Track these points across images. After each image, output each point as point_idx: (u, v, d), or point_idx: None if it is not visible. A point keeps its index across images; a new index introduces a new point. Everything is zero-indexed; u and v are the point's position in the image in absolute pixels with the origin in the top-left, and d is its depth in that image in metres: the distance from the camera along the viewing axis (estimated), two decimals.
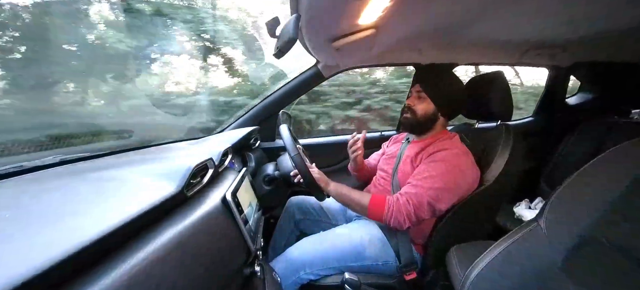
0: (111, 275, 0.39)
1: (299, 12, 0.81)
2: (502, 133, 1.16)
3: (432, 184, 1.00)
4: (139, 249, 0.45)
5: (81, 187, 0.61)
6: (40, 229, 0.40)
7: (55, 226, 0.41)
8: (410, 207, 0.99)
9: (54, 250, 0.34)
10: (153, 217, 0.53)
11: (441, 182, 1.00)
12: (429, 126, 1.18)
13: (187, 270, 0.52)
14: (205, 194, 0.74)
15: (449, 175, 1.01)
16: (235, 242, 0.73)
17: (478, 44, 1.45)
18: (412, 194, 1.00)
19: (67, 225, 0.42)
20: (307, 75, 1.62)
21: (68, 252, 0.35)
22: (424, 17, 1.07)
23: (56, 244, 0.36)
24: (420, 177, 1.03)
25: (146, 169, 0.70)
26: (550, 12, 1.08)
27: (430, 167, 1.04)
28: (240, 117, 1.67)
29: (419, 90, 1.17)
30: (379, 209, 1.03)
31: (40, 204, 0.49)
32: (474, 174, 1.07)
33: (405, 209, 0.99)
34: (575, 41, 1.46)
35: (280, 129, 1.17)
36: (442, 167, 1.02)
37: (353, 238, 1.12)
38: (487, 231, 1.23)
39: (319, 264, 1.07)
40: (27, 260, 0.32)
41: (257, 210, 1.00)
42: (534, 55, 1.65)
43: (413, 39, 1.36)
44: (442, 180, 1.00)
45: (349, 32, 1.01)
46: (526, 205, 1.75)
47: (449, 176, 1.01)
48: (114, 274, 0.39)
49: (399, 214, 0.99)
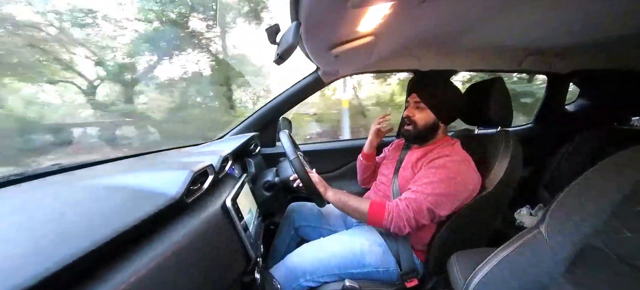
0: (111, 283, 0.39)
1: (299, 20, 0.82)
2: (502, 139, 1.16)
3: (432, 190, 0.99)
4: (139, 255, 0.45)
5: (80, 195, 0.61)
6: (40, 236, 0.40)
7: (55, 234, 0.41)
8: (410, 212, 0.99)
9: (53, 258, 0.34)
10: (153, 223, 0.53)
11: (441, 188, 0.99)
12: (431, 135, 1.18)
13: (186, 277, 0.51)
14: (205, 200, 0.74)
15: (450, 182, 1.01)
16: (235, 249, 0.73)
17: (477, 50, 1.46)
18: (412, 199, 1.00)
19: (67, 232, 0.41)
20: (308, 81, 1.63)
21: (68, 259, 0.35)
22: (423, 25, 1.08)
23: (56, 252, 0.36)
24: (420, 183, 1.03)
25: (146, 175, 0.70)
26: (548, 20, 1.09)
27: (430, 173, 1.03)
28: (241, 123, 1.67)
29: (417, 100, 1.17)
30: (378, 215, 1.02)
31: (40, 212, 0.49)
32: (474, 180, 1.07)
33: (405, 214, 0.99)
34: (574, 48, 1.47)
35: (280, 135, 1.17)
36: (442, 173, 1.02)
37: (353, 245, 1.11)
38: (488, 237, 1.23)
39: (320, 271, 1.07)
40: (27, 267, 0.32)
41: (257, 217, 1.00)
42: (533, 62, 1.66)
43: (412, 46, 1.37)
44: (442, 187, 1.00)
45: (348, 39, 1.01)
46: (527, 211, 1.75)
47: (450, 182, 1.01)
48: (113, 281, 0.39)
49: (399, 219, 0.99)
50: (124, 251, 0.45)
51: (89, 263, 0.38)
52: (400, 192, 1.13)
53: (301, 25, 0.83)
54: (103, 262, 0.41)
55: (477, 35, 1.24)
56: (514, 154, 1.11)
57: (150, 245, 0.49)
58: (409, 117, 1.18)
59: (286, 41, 0.83)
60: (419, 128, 1.16)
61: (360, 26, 0.90)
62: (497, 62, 1.71)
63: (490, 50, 1.47)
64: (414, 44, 1.32)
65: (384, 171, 1.30)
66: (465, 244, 1.08)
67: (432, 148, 1.14)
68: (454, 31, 1.18)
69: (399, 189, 1.14)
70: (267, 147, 1.74)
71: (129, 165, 0.91)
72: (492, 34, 1.24)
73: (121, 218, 0.46)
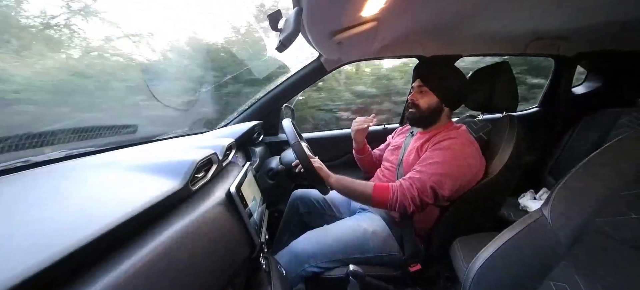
0: (118, 269, 0.40)
1: (301, 6, 0.81)
2: (507, 124, 1.15)
3: (436, 170, 1.00)
4: (145, 243, 0.46)
5: (86, 182, 0.62)
6: (47, 223, 0.40)
7: (61, 221, 0.41)
8: (414, 191, 1.00)
9: (60, 244, 0.35)
10: (158, 211, 0.53)
11: (445, 168, 1.00)
12: (434, 118, 1.18)
13: (192, 264, 0.52)
14: (210, 188, 0.74)
15: (454, 162, 1.02)
16: (240, 236, 0.74)
17: (481, 35, 1.43)
18: (416, 178, 1.01)
19: (73, 219, 0.42)
20: (310, 69, 1.62)
21: (75, 245, 0.36)
22: (427, 9, 1.06)
23: (62, 239, 0.36)
24: (425, 163, 1.04)
25: (151, 163, 0.70)
26: (554, 2, 1.07)
27: (435, 153, 1.04)
28: (244, 111, 1.67)
29: (420, 84, 1.18)
30: (383, 195, 1.03)
31: (47, 199, 0.50)
32: (479, 164, 1.07)
33: (409, 192, 1.00)
34: (580, 31, 1.44)
35: (283, 123, 1.17)
36: (447, 154, 1.02)
37: (357, 230, 1.12)
38: (492, 223, 1.23)
39: (324, 256, 1.08)
40: (35, 253, 0.33)
41: (261, 204, 1.01)
42: (539, 46, 1.63)
43: (416, 31, 1.35)
44: (446, 167, 1.00)
45: (350, 25, 1.00)
46: (531, 196, 1.74)
47: (454, 163, 1.01)
48: (120, 267, 0.40)
49: (403, 197, 1.00)
50: (130, 237, 0.46)
51: (96, 250, 0.39)
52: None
53: (303, 11, 0.82)
54: (110, 249, 0.42)
55: (482, 19, 1.21)
56: (518, 139, 1.10)
57: (157, 232, 0.49)
58: (413, 101, 1.19)
59: (288, 28, 0.82)
60: (423, 111, 1.17)
61: (364, 11, 0.88)
62: (503, 46, 1.68)
63: (495, 34, 1.44)
64: (417, 29, 1.30)
65: (389, 157, 1.30)
66: (468, 229, 1.09)
67: (437, 132, 1.14)
68: (459, 16, 1.16)
69: (404, 174, 1.15)
70: (270, 135, 1.74)
71: (134, 153, 0.92)
72: (497, 18, 1.22)
73: (127, 205, 0.47)
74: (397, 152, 1.26)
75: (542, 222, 0.64)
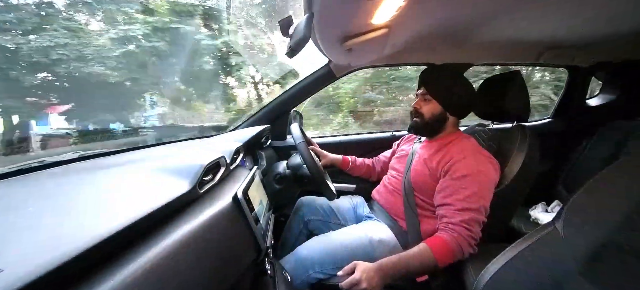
0: (125, 270, 0.40)
1: (312, 11, 0.81)
2: (518, 134, 1.13)
3: (469, 205, 0.98)
4: (153, 245, 0.46)
5: (97, 183, 0.63)
6: (59, 223, 0.41)
7: (70, 221, 0.42)
8: (472, 233, 0.98)
9: (69, 245, 0.36)
10: (167, 213, 0.54)
11: (477, 199, 0.99)
12: (439, 127, 1.17)
13: (198, 266, 0.52)
14: (217, 191, 0.75)
15: (480, 186, 1.01)
16: (246, 240, 0.74)
17: (493, 43, 1.42)
18: (466, 220, 0.98)
19: (82, 220, 0.43)
20: (319, 75, 1.62)
21: (84, 247, 0.36)
22: (438, 17, 1.06)
23: (72, 239, 0.37)
24: (460, 201, 1.00)
25: (160, 166, 0.71)
26: (569, 12, 1.05)
27: (459, 183, 1.02)
28: (252, 116, 1.69)
29: (424, 92, 1.17)
30: (448, 255, 0.97)
31: (60, 199, 0.51)
32: (496, 172, 1.07)
33: (469, 238, 0.98)
34: (596, 41, 1.41)
35: (291, 127, 1.17)
36: (473, 184, 1.00)
37: (364, 238, 1.11)
38: (502, 234, 1.21)
39: (329, 263, 1.07)
40: (44, 254, 0.34)
41: (268, 209, 1.01)
42: (552, 56, 1.60)
43: (426, 39, 1.34)
44: (477, 197, 0.99)
45: (361, 32, 1.00)
46: (543, 209, 1.70)
47: (481, 187, 1.01)
48: (128, 268, 0.40)
49: (468, 246, 0.98)
50: (139, 239, 0.46)
51: (104, 251, 0.40)
52: (413, 187, 1.13)
53: (314, 17, 0.82)
54: (118, 250, 0.43)
55: (494, 28, 1.20)
56: (530, 149, 1.08)
57: (165, 234, 0.50)
58: (416, 109, 1.18)
59: (299, 33, 0.82)
60: (426, 119, 1.16)
61: (375, 18, 0.88)
62: (515, 55, 1.66)
63: (507, 43, 1.42)
64: (428, 36, 1.29)
65: (395, 166, 1.29)
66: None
67: (444, 143, 1.13)
68: (470, 23, 1.15)
69: (411, 183, 1.13)
70: (278, 140, 1.75)
71: (143, 156, 0.93)
72: (510, 27, 1.20)
73: (136, 207, 0.47)
74: (404, 160, 1.25)
75: (555, 236, 0.62)
